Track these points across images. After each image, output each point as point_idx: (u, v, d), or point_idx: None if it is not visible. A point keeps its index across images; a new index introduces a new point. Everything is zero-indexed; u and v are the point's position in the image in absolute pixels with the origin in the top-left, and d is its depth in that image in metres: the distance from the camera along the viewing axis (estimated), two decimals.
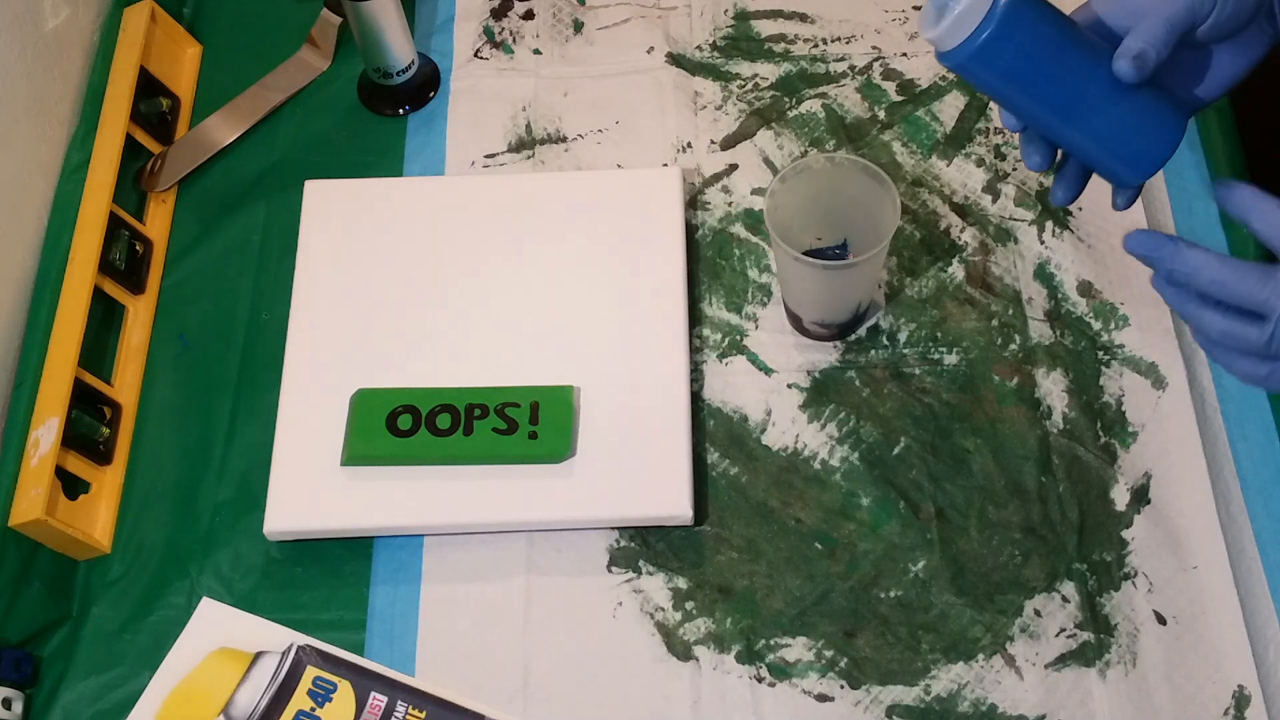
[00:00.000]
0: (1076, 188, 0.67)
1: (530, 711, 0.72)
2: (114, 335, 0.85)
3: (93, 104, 0.89)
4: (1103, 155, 0.63)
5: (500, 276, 0.83)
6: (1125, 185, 0.65)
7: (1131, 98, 0.60)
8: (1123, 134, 0.62)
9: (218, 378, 0.84)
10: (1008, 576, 0.74)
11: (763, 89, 0.92)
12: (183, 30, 0.97)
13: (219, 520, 0.79)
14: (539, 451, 0.76)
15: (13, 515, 0.74)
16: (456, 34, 0.96)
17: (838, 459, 0.78)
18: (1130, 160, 0.63)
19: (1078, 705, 0.71)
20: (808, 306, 0.80)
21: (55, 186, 0.87)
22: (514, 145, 0.91)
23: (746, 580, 0.75)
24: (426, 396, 0.78)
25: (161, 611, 0.76)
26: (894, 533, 0.76)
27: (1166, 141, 0.62)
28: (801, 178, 0.75)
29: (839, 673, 0.72)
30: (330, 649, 0.73)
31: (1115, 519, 0.76)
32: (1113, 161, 0.63)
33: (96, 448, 0.80)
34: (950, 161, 0.88)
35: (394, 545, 0.77)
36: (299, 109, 0.94)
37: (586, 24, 0.96)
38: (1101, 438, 0.78)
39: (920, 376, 0.80)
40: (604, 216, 0.84)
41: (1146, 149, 0.62)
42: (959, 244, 0.85)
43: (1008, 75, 0.60)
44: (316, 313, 0.82)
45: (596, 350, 0.80)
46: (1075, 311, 0.82)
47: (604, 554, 0.76)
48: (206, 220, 0.90)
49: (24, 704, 0.73)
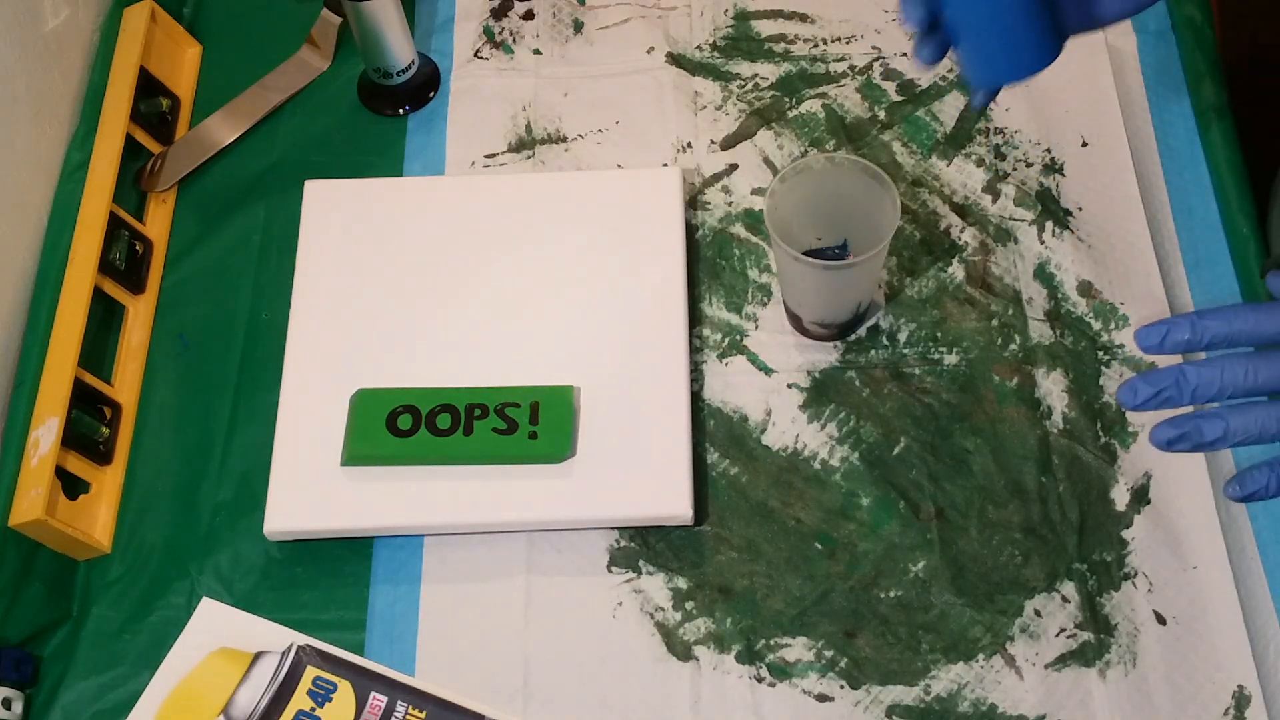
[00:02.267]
0: (940, 53, 0.65)
1: (530, 711, 0.72)
2: (114, 335, 0.85)
3: (93, 104, 0.89)
4: (972, 40, 0.63)
5: (500, 276, 0.83)
6: (981, 82, 0.65)
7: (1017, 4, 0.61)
8: (1000, 30, 0.62)
9: (218, 378, 0.84)
10: (1008, 576, 0.74)
11: (763, 89, 0.92)
12: (183, 30, 0.97)
13: (219, 520, 0.79)
14: (539, 451, 0.76)
15: (13, 515, 0.74)
16: (456, 34, 0.96)
17: (838, 459, 0.78)
18: (994, 58, 0.63)
19: (1078, 705, 0.71)
20: (808, 306, 0.80)
21: (55, 186, 0.87)
22: (514, 145, 0.91)
23: (746, 580, 0.75)
24: (426, 396, 0.78)
25: (161, 611, 0.77)
26: (894, 533, 0.76)
27: (1034, 59, 0.62)
28: (801, 178, 0.75)
29: (839, 673, 0.72)
30: (330, 649, 0.73)
31: (1115, 519, 0.76)
32: (976, 52, 0.63)
33: (96, 448, 0.80)
34: (950, 161, 0.88)
35: (394, 545, 0.77)
36: (299, 109, 0.94)
37: (586, 24, 0.96)
38: (1101, 438, 0.78)
39: (920, 376, 0.80)
40: (604, 216, 0.84)
41: (1013, 56, 0.62)
42: (959, 244, 0.85)
43: None
44: (316, 313, 0.82)
45: (596, 350, 0.80)
46: (1075, 311, 0.82)
47: (604, 554, 0.76)
48: (206, 220, 0.90)
49: (24, 704, 0.73)
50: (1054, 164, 0.87)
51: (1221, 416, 0.58)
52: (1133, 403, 0.58)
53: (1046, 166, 0.87)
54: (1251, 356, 0.58)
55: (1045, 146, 0.88)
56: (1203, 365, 0.57)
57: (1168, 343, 0.58)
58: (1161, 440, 0.58)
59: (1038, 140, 0.88)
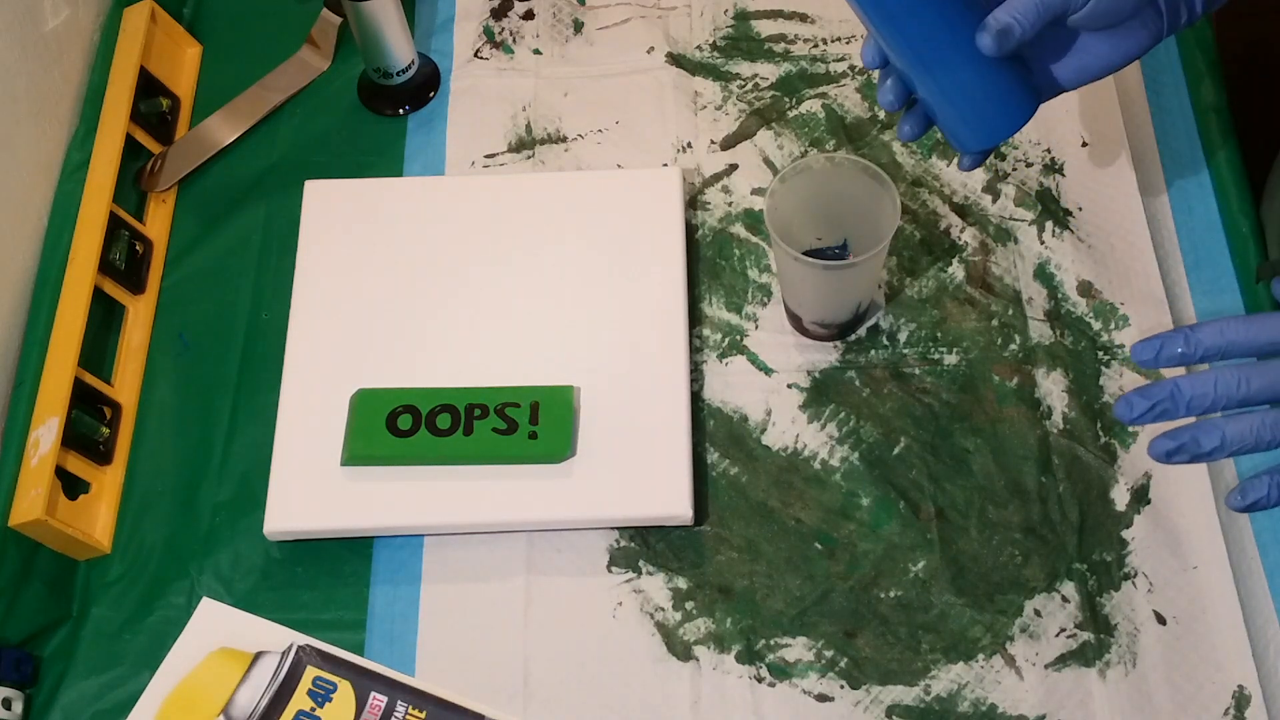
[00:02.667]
0: (922, 127, 0.66)
1: (530, 711, 0.72)
2: (114, 335, 0.85)
3: (93, 104, 0.89)
4: (948, 112, 0.64)
5: (500, 276, 0.83)
6: (963, 149, 0.66)
7: (990, 67, 0.61)
8: (972, 99, 0.63)
9: (218, 378, 0.84)
10: (1008, 576, 0.74)
11: (763, 89, 0.92)
12: (183, 30, 0.97)
13: (219, 520, 0.79)
14: (539, 451, 0.76)
15: (13, 515, 0.74)
16: (456, 34, 0.96)
17: (838, 459, 0.78)
18: (971, 125, 0.64)
19: (1078, 705, 0.71)
20: (808, 306, 0.80)
21: (55, 186, 0.87)
22: (514, 145, 0.91)
23: (746, 580, 0.75)
24: (426, 396, 0.78)
25: (161, 611, 0.77)
26: (894, 533, 0.76)
27: (1010, 120, 0.63)
28: (801, 178, 0.75)
29: (839, 673, 0.72)
30: (330, 649, 0.73)
31: (1115, 519, 0.76)
32: (955, 121, 0.64)
33: (96, 448, 0.80)
34: (950, 161, 0.88)
35: (394, 545, 0.77)
36: (299, 109, 0.94)
37: (586, 24, 0.96)
38: (1101, 438, 0.78)
39: (920, 376, 0.80)
40: (604, 216, 0.84)
41: (989, 121, 0.63)
42: (959, 244, 0.85)
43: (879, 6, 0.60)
44: (316, 313, 0.82)
45: (596, 350, 0.80)
46: (1075, 311, 0.82)
47: (604, 554, 0.76)
48: (206, 220, 0.90)
49: (24, 704, 0.73)
50: (1054, 164, 0.87)
51: (1218, 427, 0.58)
52: (1129, 417, 0.59)
53: (1046, 166, 0.87)
54: (1244, 366, 0.58)
55: (1045, 146, 0.88)
56: (1196, 378, 0.58)
57: (1162, 357, 0.59)
58: (1160, 453, 0.59)
59: (1038, 140, 0.88)
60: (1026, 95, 0.63)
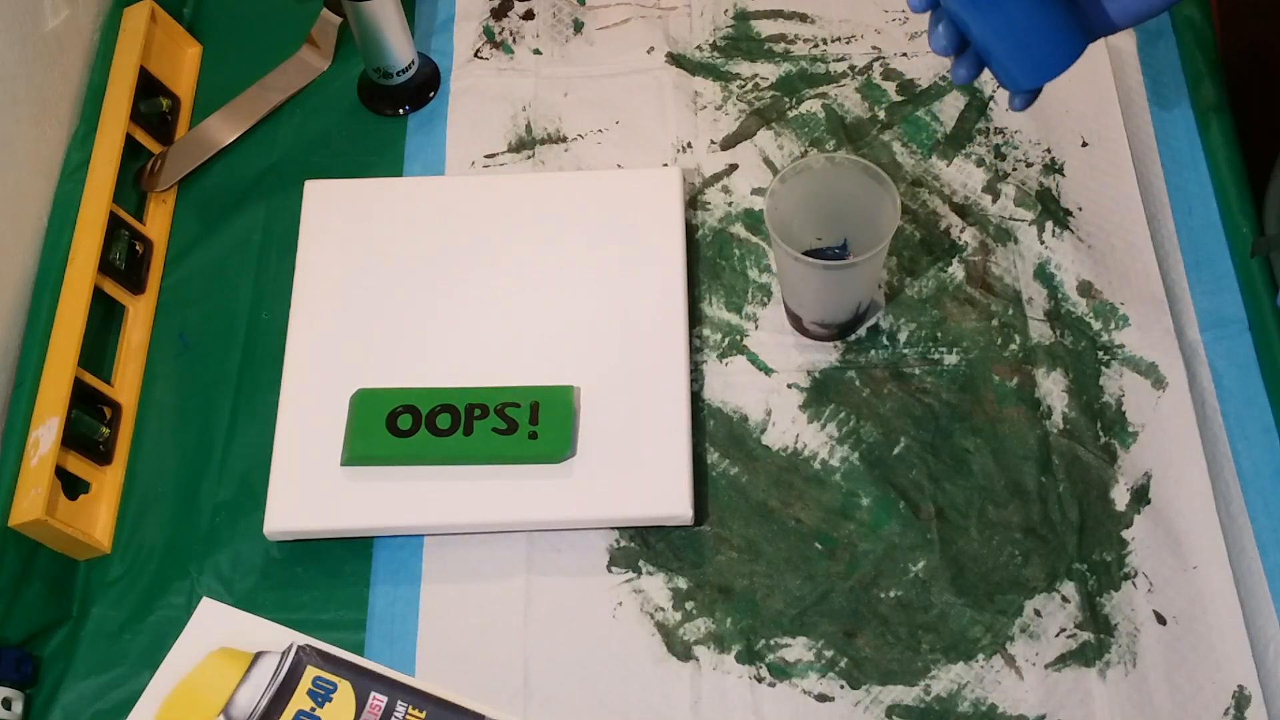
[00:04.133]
0: (976, 69, 0.68)
1: (530, 711, 0.72)
2: (114, 335, 0.85)
3: (93, 104, 0.89)
4: (999, 51, 0.65)
5: (500, 276, 0.83)
6: (1014, 87, 0.67)
7: (1040, 4, 0.62)
8: (1022, 37, 0.64)
9: (218, 378, 0.84)
10: (1008, 576, 0.74)
11: (763, 89, 0.92)
12: (183, 30, 0.97)
13: (219, 520, 0.79)
14: (539, 451, 0.76)
15: (13, 515, 0.74)
16: (456, 34, 0.96)
17: (838, 459, 0.78)
18: (1022, 64, 0.65)
19: (1078, 705, 0.71)
20: (808, 306, 0.80)
21: (55, 186, 0.87)
22: (514, 145, 0.91)
23: (746, 580, 0.75)
24: (426, 396, 0.78)
25: (161, 611, 0.77)
26: (894, 533, 0.76)
27: (1061, 58, 0.64)
28: (801, 178, 0.75)
29: (839, 673, 0.72)
30: (330, 649, 0.73)
31: (1115, 519, 0.76)
32: (1006, 59, 0.65)
33: (96, 448, 0.80)
34: (950, 161, 0.88)
35: (394, 545, 0.77)
36: (299, 109, 0.94)
37: (586, 24, 0.96)
38: (1101, 438, 0.78)
39: (920, 376, 0.80)
40: (604, 217, 0.84)
41: (1040, 58, 0.64)
42: (959, 244, 0.85)
43: None
44: (316, 313, 0.82)
45: (596, 350, 0.80)
46: (1075, 311, 0.82)
47: (604, 554, 0.76)
48: (206, 220, 0.90)
49: (24, 704, 0.73)
50: (1054, 164, 0.87)
51: None
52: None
53: (1046, 166, 0.87)
54: None
55: (1045, 146, 0.88)
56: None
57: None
58: None
59: (1038, 140, 0.88)
60: (1077, 33, 0.64)
